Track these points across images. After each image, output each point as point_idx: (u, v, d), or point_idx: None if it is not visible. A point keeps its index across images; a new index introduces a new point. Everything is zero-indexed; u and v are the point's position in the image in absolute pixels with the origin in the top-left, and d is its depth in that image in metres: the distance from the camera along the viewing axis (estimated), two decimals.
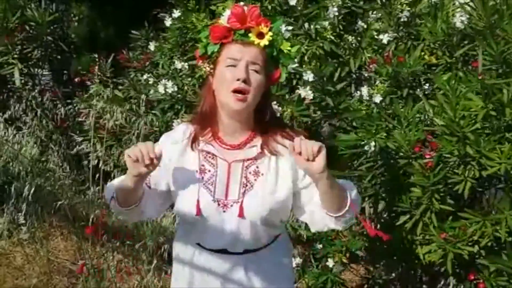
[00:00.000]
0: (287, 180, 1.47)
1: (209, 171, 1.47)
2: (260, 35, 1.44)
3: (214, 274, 1.50)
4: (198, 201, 1.44)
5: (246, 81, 1.41)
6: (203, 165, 1.48)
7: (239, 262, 1.50)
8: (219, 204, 1.45)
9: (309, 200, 1.49)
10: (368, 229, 1.54)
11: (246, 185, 1.45)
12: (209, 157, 1.48)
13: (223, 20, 1.47)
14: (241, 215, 1.43)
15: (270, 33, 1.44)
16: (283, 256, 1.58)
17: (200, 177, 1.47)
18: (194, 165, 1.49)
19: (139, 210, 1.53)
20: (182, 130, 1.55)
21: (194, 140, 1.50)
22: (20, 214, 3.18)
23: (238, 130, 1.49)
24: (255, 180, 1.45)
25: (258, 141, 1.48)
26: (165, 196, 1.56)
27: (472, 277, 2.14)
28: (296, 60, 2.38)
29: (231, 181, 1.46)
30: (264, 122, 1.49)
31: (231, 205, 1.45)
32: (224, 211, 1.45)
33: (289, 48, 1.47)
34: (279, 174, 1.46)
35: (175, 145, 1.52)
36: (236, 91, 1.41)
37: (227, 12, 1.47)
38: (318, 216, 1.48)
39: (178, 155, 1.51)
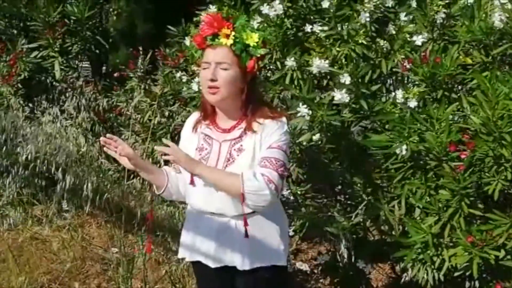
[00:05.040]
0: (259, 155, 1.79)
1: (206, 149, 1.85)
2: (227, 36, 1.71)
3: (211, 232, 1.84)
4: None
5: (213, 79, 1.74)
6: (202, 144, 1.86)
7: (231, 224, 1.82)
8: None
9: None
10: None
11: (229, 160, 1.80)
12: (207, 138, 1.86)
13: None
14: None
15: (233, 33, 1.72)
16: (273, 225, 1.86)
17: (198, 154, 1.84)
18: (195, 144, 1.87)
19: (169, 192, 1.92)
20: (193, 116, 1.95)
21: (196, 125, 1.90)
22: (64, 201, 3.35)
23: (230, 117, 1.84)
24: (238, 155, 1.79)
25: (244, 124, 1.82)
26: None
27: (499, 287, 2.09)
28: (328, 64, 2.42)
29: (220, 157, 1.81)
30: (251, 106, 1.80)
31: None
32: None
33: (256, 41, 1.74)
34: (255, 150, 1.78)
35: (187, 129, 1.93)
36: (209, 87, 1.76)
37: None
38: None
39: (187, 137, 1.92)
